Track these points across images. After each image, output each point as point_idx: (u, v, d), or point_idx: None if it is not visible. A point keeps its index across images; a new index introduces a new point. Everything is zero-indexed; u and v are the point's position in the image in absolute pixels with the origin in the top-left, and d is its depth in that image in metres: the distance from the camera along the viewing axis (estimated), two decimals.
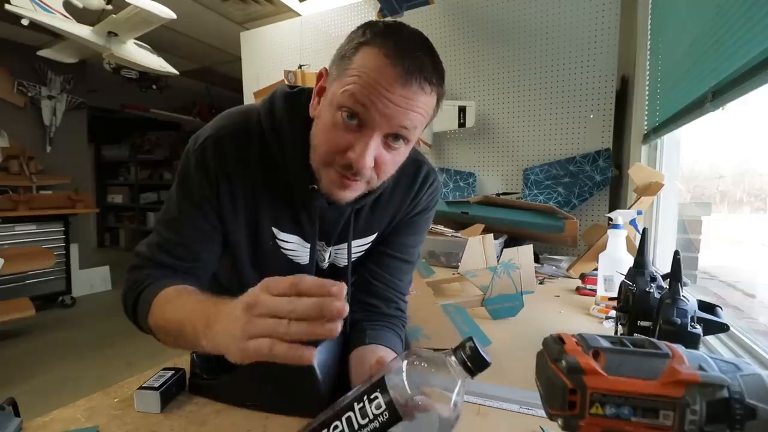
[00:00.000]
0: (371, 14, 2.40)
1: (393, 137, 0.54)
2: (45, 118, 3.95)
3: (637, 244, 0.89)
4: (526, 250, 1.10)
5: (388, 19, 2.10)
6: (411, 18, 2.16)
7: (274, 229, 0.67)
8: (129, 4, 2.30)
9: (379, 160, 0.55)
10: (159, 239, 0.64)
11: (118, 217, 6.91)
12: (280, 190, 0.65)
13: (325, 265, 0.74)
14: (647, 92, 1.70)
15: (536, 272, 1.42)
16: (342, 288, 0.38)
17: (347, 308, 0.38)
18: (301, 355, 0.38)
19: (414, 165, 0.71)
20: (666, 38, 1.50)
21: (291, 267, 0.71)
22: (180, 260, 0.64)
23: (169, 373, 0.64)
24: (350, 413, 0.39)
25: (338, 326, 0.38)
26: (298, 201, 0.65)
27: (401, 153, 0.58)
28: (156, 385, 0.61)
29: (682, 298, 0.61)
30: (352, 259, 0.73)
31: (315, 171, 0.60)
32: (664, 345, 0.33)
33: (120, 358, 2.79)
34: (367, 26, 0.54)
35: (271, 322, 0.38)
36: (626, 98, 1.91)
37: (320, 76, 0.59)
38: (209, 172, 0.62)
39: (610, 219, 1.21)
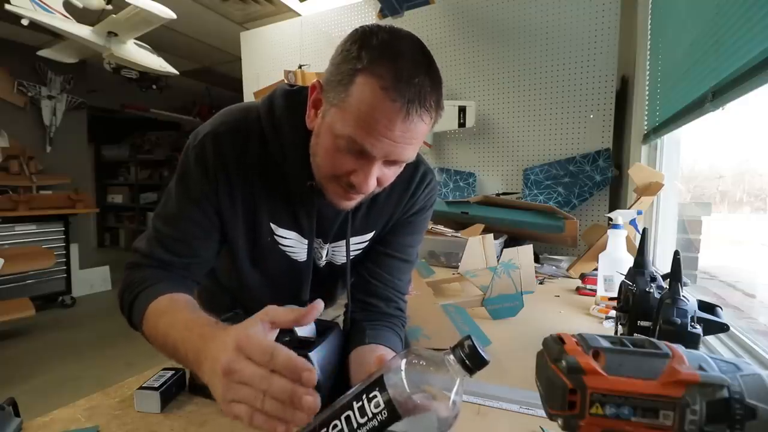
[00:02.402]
0: (371, 14, 2.40)
1: (393, 161, 0.56)
2: (45, 118, 3.95)
3: (637, 244, 0.89)
4: (526, 250, 1.10)
5: (387, 20, 2.10)
6: (411, 18, 2.16)
7: (273, 225, 0.67)
8: (129, 4, 2.30)
9: (380, 178, 0.57)
10: (157, 234, 0.64)
11: (118, 217, 6.91)
12: (278, 187, 0.65)
13: (323, 262, 0.74)
14: (647, 92, 1.70)
15: (536, 272, 1.42)
16: (312, 376, 0.38)
17: (318, 402, 0.38)
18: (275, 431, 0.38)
19: (411, 165, 0.71)
20: (666, 38, 1.50)
21: (289, 264, 0.71)
22: (178, 256, 0.64)
23: (169, 373, 0.64)
24: (349, 412, 0.39)
25: (308, 418, 0.39)
26: (296, 198, 0.66)
27: (402, 166, 0.60)
28: (156, 385, 0.61)
29: (682, 298, 0.61)
30: (350, 258, 0.73)
31: (318, 181, 0.61)
32: (664, 345, 0.33)
33: (120, 358, 2.79)
34: (362, 44, 0.52)
35: (248, 392, 0.39)
36: (626, 98, 1.91)
37: (313, 88, 0.59)
38: (208, 168, 0.62)
39: (610, 219, 1.21)
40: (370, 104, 0.50)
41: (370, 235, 0.74)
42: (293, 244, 0.70)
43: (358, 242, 0.74)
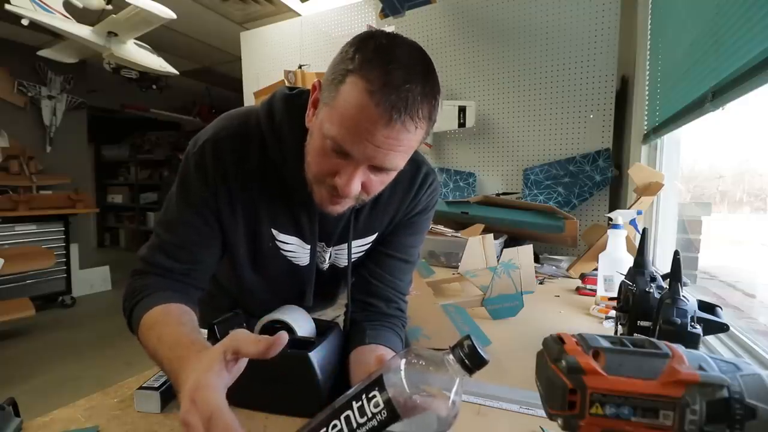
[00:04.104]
0: (372, 14, 2.39)
1: (378, 168, 0.55)
2: (45, 118, 3.95)
3: (637, 244, 0.89)
4: (526, 250, 1.10)
5: (388, 20, 2.10)
6: (411, 18, 2.16)
7: (274, 231, 0.67)
8: (129, 4, 2.30)
9: (366, 184, 0.56)
10: (158, 241, 0.64)
11: (118, 217, 6.91)
12: (279, 192, 0.65)
13: (326, 266, 0.74)
14: (647, 92, 1.70)
15: (536, 272, 1.42)
16: None
17: None
18: None
19: (413, 165, 0.71)
20: (666, 38, 1.50)
21: (291, 269, 0.71)
22: (179, 262, 0.64)
23: None
24: (349, 412, 0.39)
25: None
26: (298, 202, 0.65)
27: (390, 175, 0.58)
28: (156, 385, 0.61)
29: (682, 298, 0.61)
30: (353, 260, 0.73)
31: (308, 183, 0.61)
32: (664, 345, 0.33)
33: (120, 358, 2.79)
34: (358, 47, 0.51)
35: None
36: (626, 98, 1.91)
37: (314, 88, 0.58)
38: (208, 175, 0.62)
39: (610, 219, 1.21)
40: (355, 106, 0.49)
41: (372, 237, 0.74)
42: (295, 249, 0.70)
43: (361, 244, 0.74)
